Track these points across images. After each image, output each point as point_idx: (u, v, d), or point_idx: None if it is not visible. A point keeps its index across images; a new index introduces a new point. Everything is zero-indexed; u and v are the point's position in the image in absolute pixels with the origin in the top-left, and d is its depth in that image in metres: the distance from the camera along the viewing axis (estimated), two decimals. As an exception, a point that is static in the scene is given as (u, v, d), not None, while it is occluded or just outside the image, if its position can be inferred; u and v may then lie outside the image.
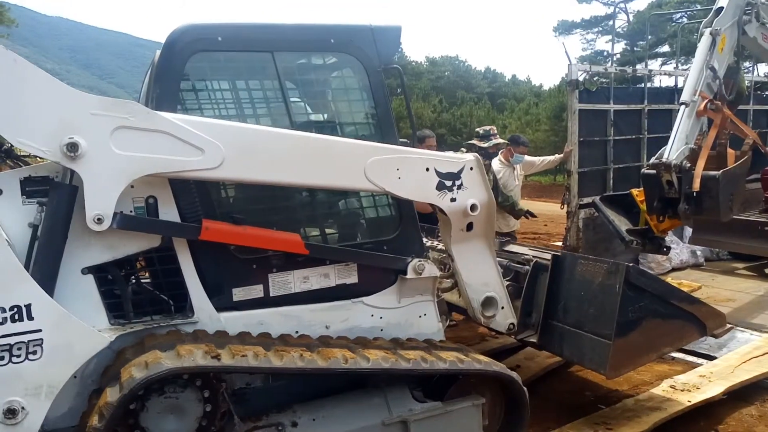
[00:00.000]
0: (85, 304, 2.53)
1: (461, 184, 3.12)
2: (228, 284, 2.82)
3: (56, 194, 2.42)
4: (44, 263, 2.40)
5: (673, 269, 7.47)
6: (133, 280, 2.81)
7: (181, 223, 2.65)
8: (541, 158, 7.68)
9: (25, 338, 2.30)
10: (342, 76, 3.19)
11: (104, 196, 2.41)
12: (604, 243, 7.10)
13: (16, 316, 2.29)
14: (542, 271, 3.57)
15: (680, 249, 7.63)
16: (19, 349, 2.29)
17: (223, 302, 2.80)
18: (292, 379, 2.79)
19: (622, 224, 5.29)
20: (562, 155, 7.37)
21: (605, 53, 34.63)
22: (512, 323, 3.54)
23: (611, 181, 7.72)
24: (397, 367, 2.68)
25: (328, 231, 3.12)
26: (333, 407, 2.76)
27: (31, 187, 2.46)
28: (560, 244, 8.07)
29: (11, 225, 2.42)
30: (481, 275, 3.40)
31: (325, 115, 3.21)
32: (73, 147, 2.32)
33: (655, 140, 7.61)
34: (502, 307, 3.49)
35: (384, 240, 3.15)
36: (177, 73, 2.71)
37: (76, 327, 2.39)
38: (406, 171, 2.96)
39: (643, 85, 8.43)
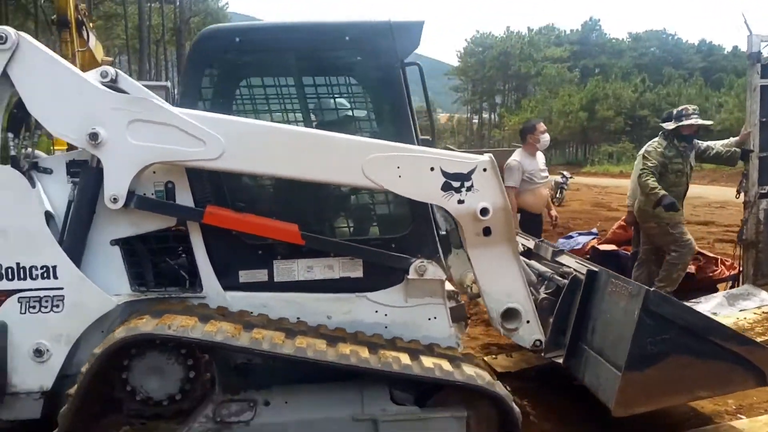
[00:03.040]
0: (111, 271, 2.96)
1: (471, 185, 2.95)
2: (235, 266, 3.06)
3: (85, 175, 2.88)
4: (73, 233, 2.88)
5: None
6: (155, 254, 3.18)
7: (187, 206, 2.95)
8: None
9: (51, 293, 2.81)
10: (359, 73, 3.21)
11: (119, 179, 2.79)
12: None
13: (45, 274, 2.80)
14: (578, 286, 3.25)
15: None
16: (47, 301, 2.81)
17: (229, 282, 3.06)
18: (278, 362, 2.96)
19: None
20: (738, 138, 6.46)
21: None
22: (539, 340, 3.28)
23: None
24: (362, 365, 2.70)
25: (337, 224, 3.20)
26: (307, 393, 2.88)
27: (74, 168, 2.95)
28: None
29: (57, 199, 2.94)
30: (502, 284, 3.20)
31: (343, 112, 3.26)
32: (94, 136, 2.72)
33: None
34: (528, 321, 3.26)
35: (392, 238, 3.14)
36: (199, 73, 3.00)
37: (90, 289, 2.85)
38: (407, 169, 2.90)
39: None
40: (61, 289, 2.83)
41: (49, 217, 2.89)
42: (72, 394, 2.58)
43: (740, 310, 5.67)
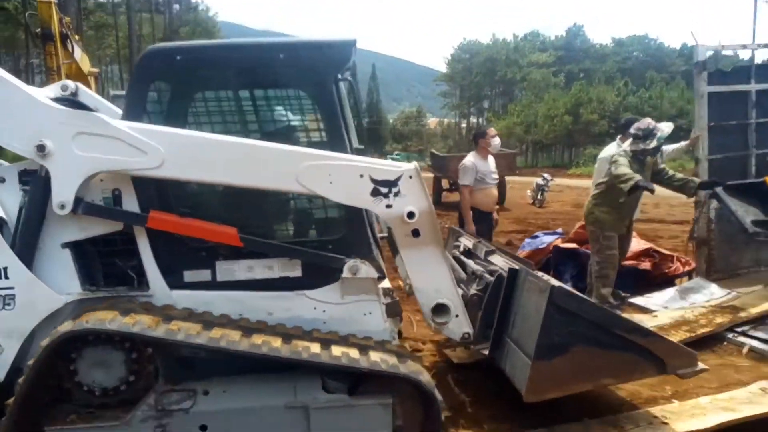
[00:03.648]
0: (63, 272, 3.17)
1: (398, 191, 3.18)
2: (180, 266, 3.27)
3: (35, 184, 3.09)
4: (24, 237, 3.09)
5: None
6: (104, 256, 3.39)
7: (131, 212, 3.17)
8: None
9: (2, 292, 3.03)
10: (294, 88, 3.44)
11: (66, 187, 3.00)
12: (742, 235, 6.31)
13: None
14: (502, 283, 3.49)
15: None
16: None
17: (175, 281, 3.27)
18: (215, 354, 3.16)
19: (749, 215, 4.73)
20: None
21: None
22: (467, 333, 3.51)
23: (753, 168, 6.78)
24: (272, 353, 2.90)
25: (276, 227, 3.43)
26: (244, 383, 3.10)
27: (25, 177, 3.16)
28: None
29: (10, 207, 3.15)
30: (431, 281, 3.44)
31: (282, 123, 3.50)
32: (42, 148, 2.94)
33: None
34: (456, 315, 3.49)
35: (329, 240, 3.37)
36: (144, 88, 3.22)
37: (40, 288, 3.06)
38: (338, 177, 3.12)
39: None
40: (12, 288, 3.04)
41: (1, 222, 3.10)
42: (20, 384, 2.79)
43: (690, 304, 5.96)
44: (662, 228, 11.70)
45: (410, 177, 3.20)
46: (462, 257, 4.36)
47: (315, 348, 3.00)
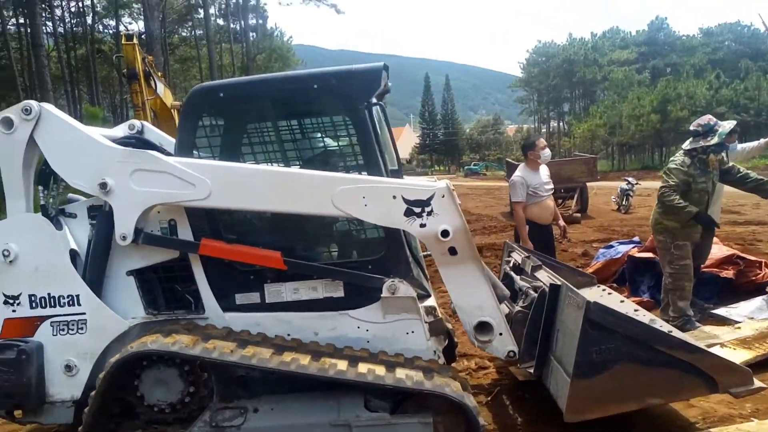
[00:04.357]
0: (128, 298, 3.48)
1: (431, 210, 3.24)
2: (231, 290, 3.49)
3: (100, 218, 3.42)
4: (93, 267, 3.42)
5: None
6: (164, 282, 3.66)
7: (185, 240, 3.42)
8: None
9: (76, 318, 3.36)
10: (329, 115, 3.59)
11: (126, 220, 3.29)
12: None
13: (71, 302, 3.35)
14: (545, 300, 3.43)
15: None
16: (73, 324, 3.36)
17: (228, 304, 3.49)
18: (267, 374, 3.33)
19: None
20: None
21: None
22: (512, 351, 3.48)
23: None
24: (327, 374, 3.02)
25: (318, 249, 3.56)
26: (292, 401, 3.24)
27: (92, 212, 3.50)
28: None
29: (81, 239, 3.50)
30: (472, 299, 3.44)
31: (316, 151, 3.65)
32: (104, 185, 3.25)
33: None
34: (500, 333, 3.47)
35: (369, 260, 3.47)
36: (193, 125, 3.48)
37: (108, 314, 3.37)
38: (372, 199, 3.22)
39: None
40: (84, 314, 3.37)
41: (74, 254, 3.44)
42: (92, 396, 3.09)
43: (780, 314, 5.52)
44: (762, 230, 10.84)
45: (443, 196, 3.24)
46: (512, 273, 4.32)
47: (342, 365, 3.10)
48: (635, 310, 4.04)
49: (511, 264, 4.59)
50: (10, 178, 3.36)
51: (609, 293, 4.54)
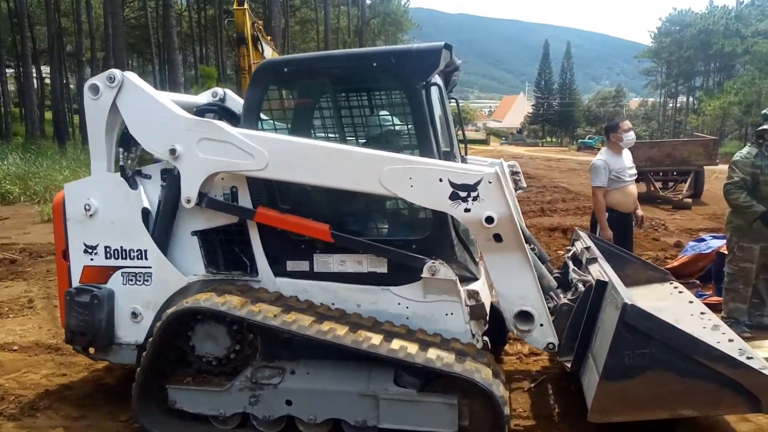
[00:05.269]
0: (191, 256, 3.78)
1: (477, 195, 3.19)
2: (283, 257, 3.68)
3: (169, 181, 3.71)
4: (160, 225, 3.74)
5: None
6: (224, 244, 3.91)
7: (243, 207, 3.63)
8: None
9: (143, 271, 3.71)
10: (387, 94, 3.60)
11: (191, 184, 3.55)
12: None
13: (139, 256, 3.71)
14: (590, 295, 3.31)
15: None
16: (140, 276, 3.72)
17: (279, 270, 3.69)
18: (307, 340, 3.51)
19: None
20: None
21: None
22: (552, 343, 3.40)
23: None
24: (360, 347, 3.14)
25: (365, 225, 3.65)
26: (326, 368, 3.40)
27: (165, 175, 3.80)
28: None
29: (153, 199, 3.83)
30: (515, 288, 3.39)
31: (373, 128, 3.68)
32: (173, 151, 3.52)
33: None
34: (541, 324, 3.40)
35: (413, 240, 3.51)
36: (259, 98, 3.65)
37: (170, 269, 3.68)
38: (418, 180, 3.24)
39: None
40: (150, 268, 3.72)
41: (146, 212, 3.78)
42: (150, 342, 3.44)
43: None
44: None
45: (489, 182, 3.18)
46: (570, 262, 4.16)
47: (376, 340, 3.18)
48: (702, 313, 3.78)
49: (570, 253, 4.42)
50: (94, 140, 3.74)
51: (680, 291, 4.27)
